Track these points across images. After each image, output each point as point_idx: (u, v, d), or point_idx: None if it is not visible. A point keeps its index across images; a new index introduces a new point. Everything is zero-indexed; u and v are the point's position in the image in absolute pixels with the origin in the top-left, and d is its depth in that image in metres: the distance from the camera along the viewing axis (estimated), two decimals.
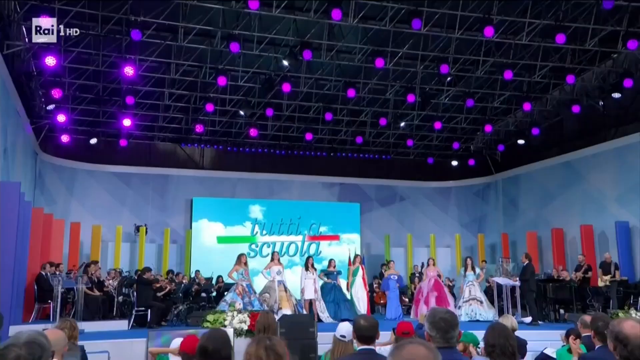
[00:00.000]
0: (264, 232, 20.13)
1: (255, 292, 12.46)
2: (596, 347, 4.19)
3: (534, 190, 19.77)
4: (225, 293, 13.08)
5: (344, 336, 4.49)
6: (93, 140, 17.80)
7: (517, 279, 12.72)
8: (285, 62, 14.57)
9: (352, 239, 20.68)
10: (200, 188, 19.74)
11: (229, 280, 13.37)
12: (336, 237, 20.77)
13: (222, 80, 14.64)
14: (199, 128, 17.38)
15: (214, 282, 15.97)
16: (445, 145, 21.18)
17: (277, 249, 20.01)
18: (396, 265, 20.10)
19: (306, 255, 16.65)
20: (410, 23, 12.76)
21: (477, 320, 12.63)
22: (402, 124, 18.81)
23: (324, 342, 8.00)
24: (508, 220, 20.77)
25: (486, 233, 21.13)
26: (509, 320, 6.18)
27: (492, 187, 21.80)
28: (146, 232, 17.90)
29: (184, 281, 14.56)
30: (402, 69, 16.15)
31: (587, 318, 6.52)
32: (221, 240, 19.46)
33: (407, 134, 20.12)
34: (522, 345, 6.05)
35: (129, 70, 13.78)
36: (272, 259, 13.34)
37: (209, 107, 16.33)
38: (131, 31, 12.31)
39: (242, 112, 17.05)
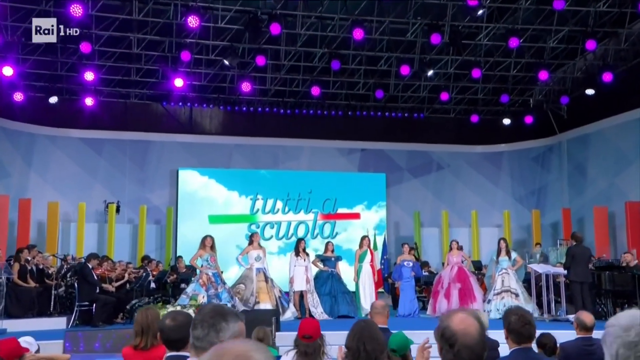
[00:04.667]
0: (267, 209, 19.49)
1: (224, 283, 11.89)
2: (510, 350, 3.92)
3: (606, 153, 18.35)
4: None
5: None
6: (53, 99, 17.37)
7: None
8: None
9: (377, 216, 19.88)
10: (188, 156, 19.18)
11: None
12: (356, 216, 19.96)
13: (192, 21, 13.89)
14: (178, 82, 16.71)
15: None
16: (493, 100, 19.87)
17: (282, 229, 19.47)
18: (429, 249, 19.39)
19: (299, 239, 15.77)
20: None
21: None
22: (430, 73, 17.61)
23: (287, 345, 7.29)
24: (574, 192, 19.42)
25: (546, 208, 19.87)
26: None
27: (554, 151, 20.38)
28: (118, 210, 17.49)
29: (145, 270, 14.03)
30: (425, 1, 15.01)
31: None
32: (213, 219, 18.89)
33: (442, 86, 18.96)
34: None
35: (76, 10, 13.23)
36: (251, 242, 12.74)
37: (185, 56, 15.65)
38: None
39: (226, 62, 16.29)
